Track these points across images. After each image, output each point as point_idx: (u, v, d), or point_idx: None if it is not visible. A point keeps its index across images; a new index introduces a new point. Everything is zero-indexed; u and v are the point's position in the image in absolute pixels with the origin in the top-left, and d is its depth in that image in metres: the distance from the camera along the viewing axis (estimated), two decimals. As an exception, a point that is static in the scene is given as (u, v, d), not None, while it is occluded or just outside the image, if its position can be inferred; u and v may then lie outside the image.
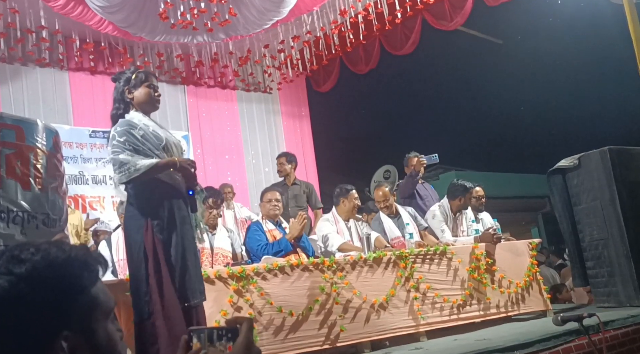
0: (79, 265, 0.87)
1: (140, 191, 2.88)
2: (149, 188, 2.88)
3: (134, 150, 2.85)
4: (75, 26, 6.49)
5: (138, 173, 2.79)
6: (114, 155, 2.83)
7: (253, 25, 6.67)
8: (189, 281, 2.86)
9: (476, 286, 4.66)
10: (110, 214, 6.47)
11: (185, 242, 2.90)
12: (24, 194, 2.77)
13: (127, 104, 3.04)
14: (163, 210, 2.86)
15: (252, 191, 7.77)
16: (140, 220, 2.83)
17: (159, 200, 2.88)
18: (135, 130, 2.90)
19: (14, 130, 2.80)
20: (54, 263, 0.84)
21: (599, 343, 3.21)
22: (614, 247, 4.95)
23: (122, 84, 3.07)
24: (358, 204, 4.95)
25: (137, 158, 2.82)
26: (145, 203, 2.86)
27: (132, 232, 2.86)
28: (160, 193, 2.89)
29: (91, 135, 6.75)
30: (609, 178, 4.99)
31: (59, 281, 0.84)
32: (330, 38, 7.47)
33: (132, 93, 3.04)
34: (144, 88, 3.05)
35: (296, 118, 8.93)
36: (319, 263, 3.95)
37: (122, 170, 2.80)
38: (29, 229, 2.76)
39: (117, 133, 2.88)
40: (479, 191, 5.57)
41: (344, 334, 3.87)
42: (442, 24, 7.10)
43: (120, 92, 3.05)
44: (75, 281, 0.86)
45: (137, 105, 3.05)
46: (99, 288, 0.89)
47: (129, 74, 3.08)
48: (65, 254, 0.86)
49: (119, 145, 2.84)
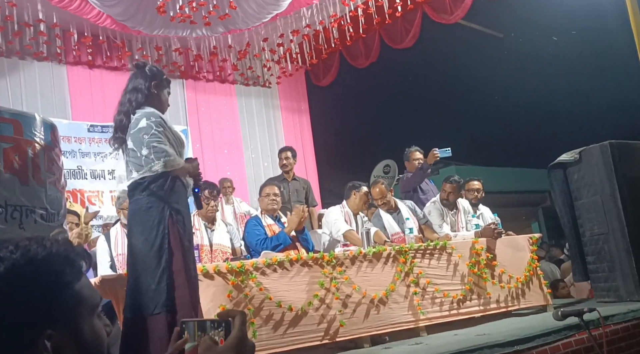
0: (60, 261, 0.84)
1: (169, 184, 2.88)
2: (178, 184, 2.94)
3: (170, 144, 2.92)
4: (73, 19, 6.45)
5: (176, 167, 2.89)
6: (157, 143, 2.85)
7: (252, 19, 6.63)
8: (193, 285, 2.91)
9: (476, 281, 4.65)
10: (109, 209, 6.46)
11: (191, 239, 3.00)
12: (22, 188, 2.74)
13: (147, 98, 3.03)
14: (183, 206, 2.95)
15: (251, 186, 7.76)
16: (163, 212, 2.83)
17: (182, 196, 2.98)
18: (166, 124, 2.97)
19: (12, 124, 2.78)
20: (34, 260, 0.82)
21: (599, 338, 3.20)
22: (614, 242, 4.94)
23: (149, 76, 3.06)
24: (368, 201, 4.99)
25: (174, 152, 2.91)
26: (170, 196, 2.87)
27: (149, 222, 2.82)
28: (183, 190, 2.99)
29: (89, 130, 6.72)
30: (610, 173, 4.97)
31: (40, 279, 0.81)
32: (329, 32, 7.43)
33: (157, 91, 3.08)
34: (166, 90, 3.15)
35: (295, 112, 8.90)
36: (318, 258, 3.94)
37: (167, 159, 2.83)
38: (27, 223, 2.73)
39: (153, 123, 2.89)
40: (474, 185, 5.56)
41: (343, 329, 3.86)
42: (443, 17, 7.06)
43: (147, 86, 3.04)
44: (57, 278, 0.83)
45: (156, 103, 3.07)
46: (83, 283, 0.87)
47: (156, 70, 3.12)
48: (46, 250, 0.83)
49: (159, 134, 2.87)
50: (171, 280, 2.76)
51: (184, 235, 2.89)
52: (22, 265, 0.81)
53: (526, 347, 3.54)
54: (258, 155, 8.31)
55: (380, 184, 5.19)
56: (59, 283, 0.83)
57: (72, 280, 0.85)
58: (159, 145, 2.84)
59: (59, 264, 0.84)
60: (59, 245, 0.86)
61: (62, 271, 0.84)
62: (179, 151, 3.00)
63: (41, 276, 0.81)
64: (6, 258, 0.81)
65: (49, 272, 0.82)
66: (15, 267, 0.80)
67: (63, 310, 0.82)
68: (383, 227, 5.06)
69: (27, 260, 0.81)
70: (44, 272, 0.82)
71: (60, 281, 0.83)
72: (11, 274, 0.80)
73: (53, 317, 0.81)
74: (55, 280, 0.82)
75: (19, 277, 0.80)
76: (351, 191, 4.94)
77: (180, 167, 2.91)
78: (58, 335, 0.80)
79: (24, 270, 0.80)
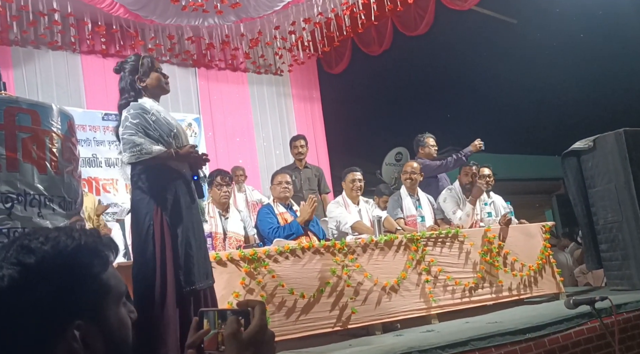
0: (89, 253, 0.86)
1: (148, 174, 2.93)
2: (157, 172, 2.93)
3: (145, 134, 2.90)
4: (87, 9, 6.48)
5: (148, 157, 2.86)
6: (128, 135, 2.88)
7: (264, 7, 6.62)
8: (194, 264, 2.89)
9: (488, 269, 4.66)
10: (123, 196, 6.54)
11: (189, 225, 2.93)
12: (41, 177, 2.80)
13: (138, 92, 3.06)
14: (170, 193, 2.91)
15: (263, 174, 7.79)
16: (149, 203, 2.88)
17: (166, 183, 2.93)
18: (147, 115, 2.95)
19: (30, 115, 2.83)
20: (63, 252, 0.84)
21: (611, 326, 3.20)
22: (628, 230, 4.92)
23: (127, 74, 3.08)
24: (357, 185, 4.95)
25: (149, 142, 2.88)
26: (153, 186, 2.91)
27: (140, 214, 2.90)
28: (166, 178, 2.94)
29: (104, 118, 6.79)
30: (624, 161, 4.94)
31: (69, 271, 0.83)
32: (341, 19, 7.38)
33: (143, 81, 3.07)
34: (154, 74, 3.09)
35: (307, 100, 8.89)
36: (330, 245, 3.97)
37: (133, 150, 2.86)
38: (45, 212, 2.79)
39: (130, 115, 2.94)
40: (484, 171, 5.55)
41: (355, 316, 3.90)
42: (457, 3, 6.98)
43: (130, 82, 3.06)
44: (86, 269, 0.85)
45: (150, 91, 3.08)
46: (110, 273, 0.89)
47: (132, 63, 3.09)
48: (75, 242, 0.85)
49: (132, 126, 2.90)
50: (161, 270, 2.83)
51: (174, 223, 2.87)
52: (52, 256, 0.83)
53: (538, 335, 3.55)
54: (270, 143, 8.33)
55: (415, 161, 5.49)
56: (87, 274, 0.85)
57: (99, 271, 0.86)
58: (129, 137, 2.88)
59: (87, 256, 0.86)
60: (87, 237, 0.87)
61: (90, 262, 0.86)
62: (166, 140, 2.97)
63: (70, 268, 0.83)
64: (37, 250, 0.83)
65: (78, 264, 0.84)
66: (45, 259, 0.82)
67: (91, 300, 0.84)
68: (400, 207, 5.11)
69: (57, 252, 0.83)
70: (72, 264, 0.84)
71: (88, 272, 0.85)
72: (41, 265, 0.82)
73: (81, 307, 0.83)
74: (83, 271, 0.84)
75: (48, 269, 0.82)
76: (342, 183, 5.07)
77: (152, 155, 2.86)
78: (86, 325, 0.83)
79: (54, 262, 0.82)
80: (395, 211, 5.18)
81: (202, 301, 2.89)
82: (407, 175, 5.26)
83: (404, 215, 5.09)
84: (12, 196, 2.68)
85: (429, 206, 5.28)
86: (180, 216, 2.91)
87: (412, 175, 5.23)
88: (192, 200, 3.02)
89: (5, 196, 2.66)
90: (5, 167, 2.68)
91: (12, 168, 2.70)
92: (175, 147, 2.99)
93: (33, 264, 0.81)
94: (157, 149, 2.88)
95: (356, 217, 4.80)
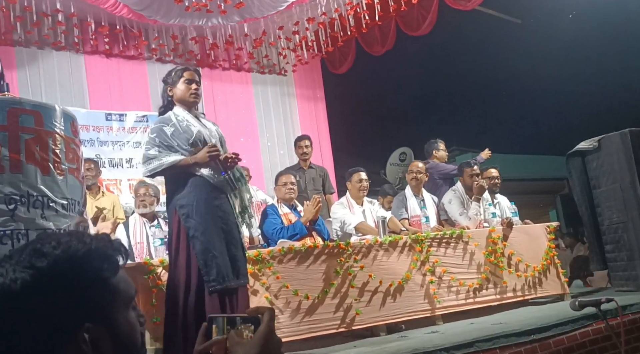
0: (99, 257, 0.88)
1: (168, 184, 3.15)
2: (174, 180, 3.11)
3: (164, 146, 3.07)
4: (91, 9, 6.48)
5: (160, 168, 3.05)
6: (145, 150, 3.12)
7: (267, 7, 6.61)
8: (218, 266, 2.94)
9: (492, 269, 4.64)
10: (126, 197, 6.53)
11: (211, 228, 3.00)
12: (44, 179, 2.78)
13: (170, 102, 3.25)
14: (188, 199, 3.03)
15: (267, 174, 7.77)
16: (171, 210, 3.09)
17: (185, 190, 3.06)
18: (167, 126, 3.12)
19: (33, 116, 2.81)
20: (74, 256, 0.85)
21: (617, 328, 3.18)
22: (633, 231, 4.89)
23: (163, 83, 3.31)
24: (363, 186, 4.93)
25: (164, 154, 3.05)
26: (173, 194, 3.09)
27: (169, 221, 3.16)
28: (183, 184, 3.07)
29: (107, 118, 6.77)
30: (630, 161, 4.91)
31: (80, 275, 0.85)
32: (345, 19, 7.37)
33: (172, 90, 3.25)
34: (181, 85, 3.25)
35: (311, 100, 8.87)
36: (335, 246, 3.96)
37: (147, 164, 3.08)
38: (49, 213, 2.78)
39: (150, 129, 3.19)
40: (491, 173, 5.53)
41: (359, 317, 3.89)
42: (460, 3, 6.96)
43: (162, 92, 3.31)
44: (96, 273, 0.87)
45: (177, 101, 3.24)
46: (120, 277, 0.90)
47: (166, 75, 3.31)
48: (86, 247, 0.87)
49: (150, 141, 3.12)
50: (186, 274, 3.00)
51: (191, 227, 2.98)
52: (64, 261, 0.84)
53: (543, 336, 3.54)
54: (274, 143, 8.32)
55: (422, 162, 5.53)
56: (97, 278, 0.86)
57: (109, 275, 0.88)
58: (146, 152, 3.11)
59: (98, 260, 0.87)
60: (98, 241, 0.89)
61: (100, 267, 0.87)
62: (185, 148, 3.09)
63: (81, 272, 0.85)
64: (49, 254, 0.84)
65: (88, 268, 0.86)
66: (57, 263, 0.84)
67: (101, 304, 0.86)
68: (405, 207, 5.09)
69: (68, 256, 0.85)
70: (83, 268, 0.85)
71: (99, 277, 0.87)
72: (53, 270, 0.83)
73: (91, 311, 0.85)
74: (93, 276, 0.86)
75: (60, 273, 0.84)
76: (346, 184, 5.04)
77: (164, 167, 3.03)
78: (96, 328, 0.84)
79: (65, 266, 0.84)
80: (400, 211, 5.17)
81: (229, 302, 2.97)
82: (412, 175, 5.24)
83: (408, 215, 5.07)
84: (15, 197, 2.67)
85: (433, 206, 5.27)
86: (200, 219, 2.99)
87: (417, 174, 5.22)
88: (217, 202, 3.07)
89: (9, 198, 2.65)
90: (9, 168, 2.67)
91: (15, 169, 2.69)
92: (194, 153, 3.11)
93: (45, 268, 0.83)
94: (172, 160, 3.03)
95: (360, 218, 4.79)
